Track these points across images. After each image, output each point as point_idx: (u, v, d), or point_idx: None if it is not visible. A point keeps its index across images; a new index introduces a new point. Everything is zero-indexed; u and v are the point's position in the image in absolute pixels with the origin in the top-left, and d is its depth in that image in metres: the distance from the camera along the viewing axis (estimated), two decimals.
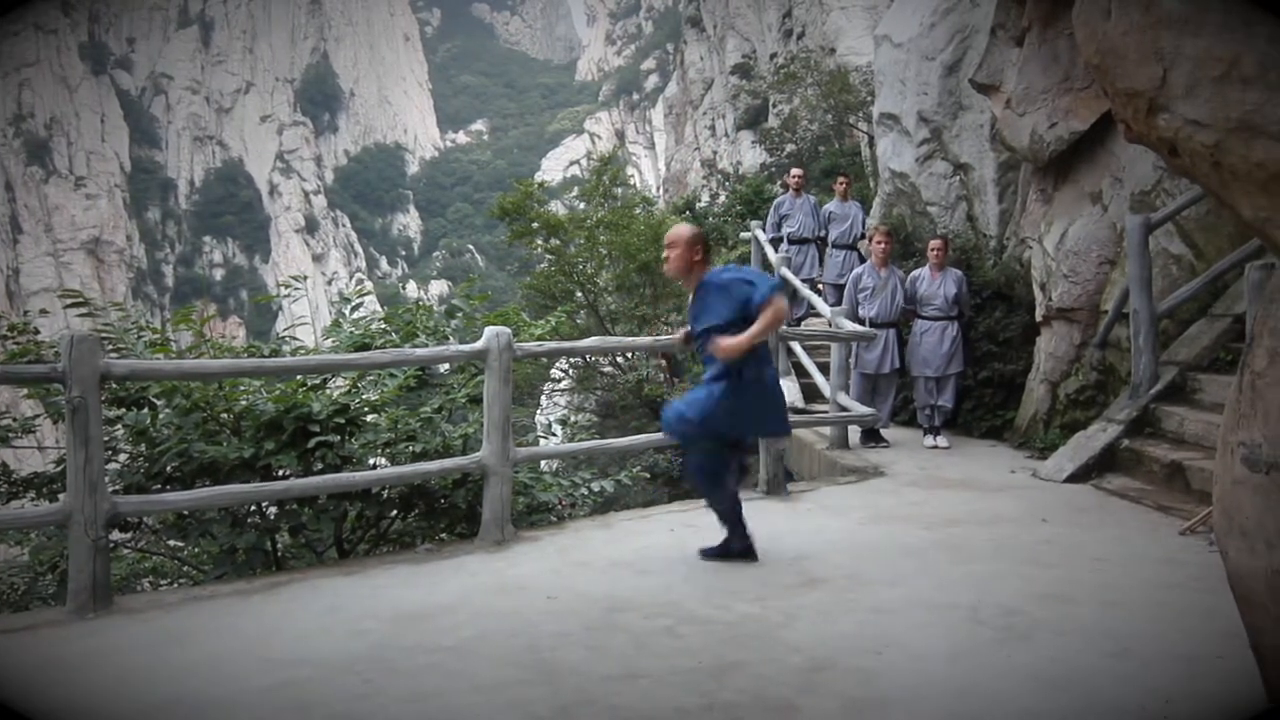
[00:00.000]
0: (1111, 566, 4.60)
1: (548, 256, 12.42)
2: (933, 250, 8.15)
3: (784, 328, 7.13)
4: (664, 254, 4.77)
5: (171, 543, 6.11)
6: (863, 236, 10.66)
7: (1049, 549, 4.93)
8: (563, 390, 13.91)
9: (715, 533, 5.34)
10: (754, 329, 4.29)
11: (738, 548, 4.78)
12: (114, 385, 5.04)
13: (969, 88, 9.39)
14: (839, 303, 8.50)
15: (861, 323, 8.01)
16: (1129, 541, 5.06)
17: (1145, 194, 7.16)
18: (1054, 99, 7.73)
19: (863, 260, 9.65)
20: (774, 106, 26.00)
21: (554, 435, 10.53)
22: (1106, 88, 2.59)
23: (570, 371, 13.24)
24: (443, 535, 5.99)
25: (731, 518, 4.77)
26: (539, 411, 13.44)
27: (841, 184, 11.25)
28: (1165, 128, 2.37)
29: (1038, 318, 7.96)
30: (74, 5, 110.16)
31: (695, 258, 4.60)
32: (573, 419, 11.63)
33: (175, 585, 6.30)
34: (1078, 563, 4.67)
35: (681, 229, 4.79)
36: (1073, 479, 6.47)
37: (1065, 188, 8.04)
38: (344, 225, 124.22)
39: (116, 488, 4.98)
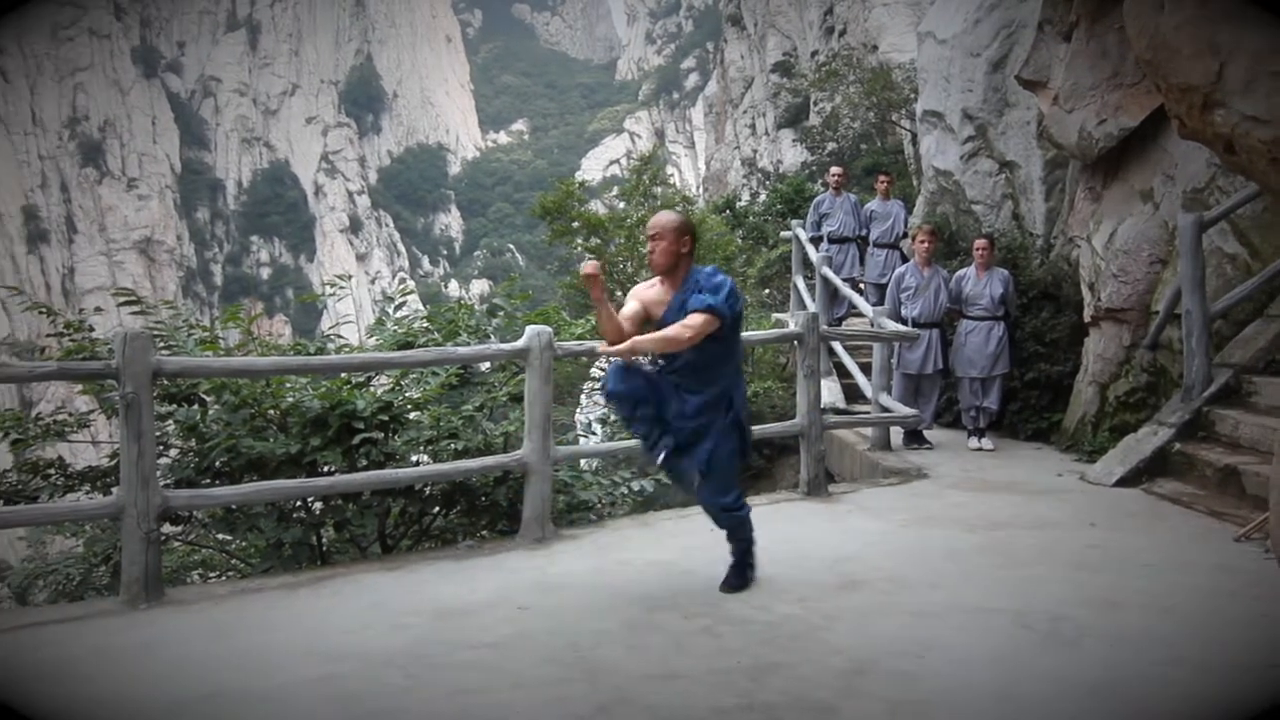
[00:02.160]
0: (1162, 572, 4.50)
1: (588, 255, 12.45)
2: (978, 249, 8.04)
3: (824, 327, 7.09)
4: (647, 246, 4.21)
5: (220, 536, 6.23)
6: (905, 235, 10.54)
7: (1097, 554, 4.83)
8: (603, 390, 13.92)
9: (757, 533, 5.32)
10: (653, 335, 3.95)
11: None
12: (165, 382, 5.14)
13: (1015, 84, 9.24)
14: (881, 303, 8.42)
15: (904, 323, 7.92)
16: (1180, 547, 4.94)
17: (1198, 191, 6.99)
18: (1103, 95, 7.58)
19: (905, 259, 9.54)
20: (815, 104, 25.81)
21: (594, 434, 10.56)
22: (1159, 83, 2.53)
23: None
24: (484, 532, 6.03)
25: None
26: (579, 410, 13.48)
27: (883, 182, 11.13)
28: (1221, 124, 2.31)
29: (1086, 318, 7.81)
30: (126, 10, 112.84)
31: (683, 250, 4.11)
32: (613, 418, 11.64)
33: (224, 578, 6.43)
34: (1127, 568, 4.57)
35: (666, 215, 4.22)
36: (1122, 483, 6.33)
37: (1115, 185, 7.88)
38: (387, 225, 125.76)
39: (168, 482, 5.09)
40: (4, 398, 60.15)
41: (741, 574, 4.40)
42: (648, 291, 4.24)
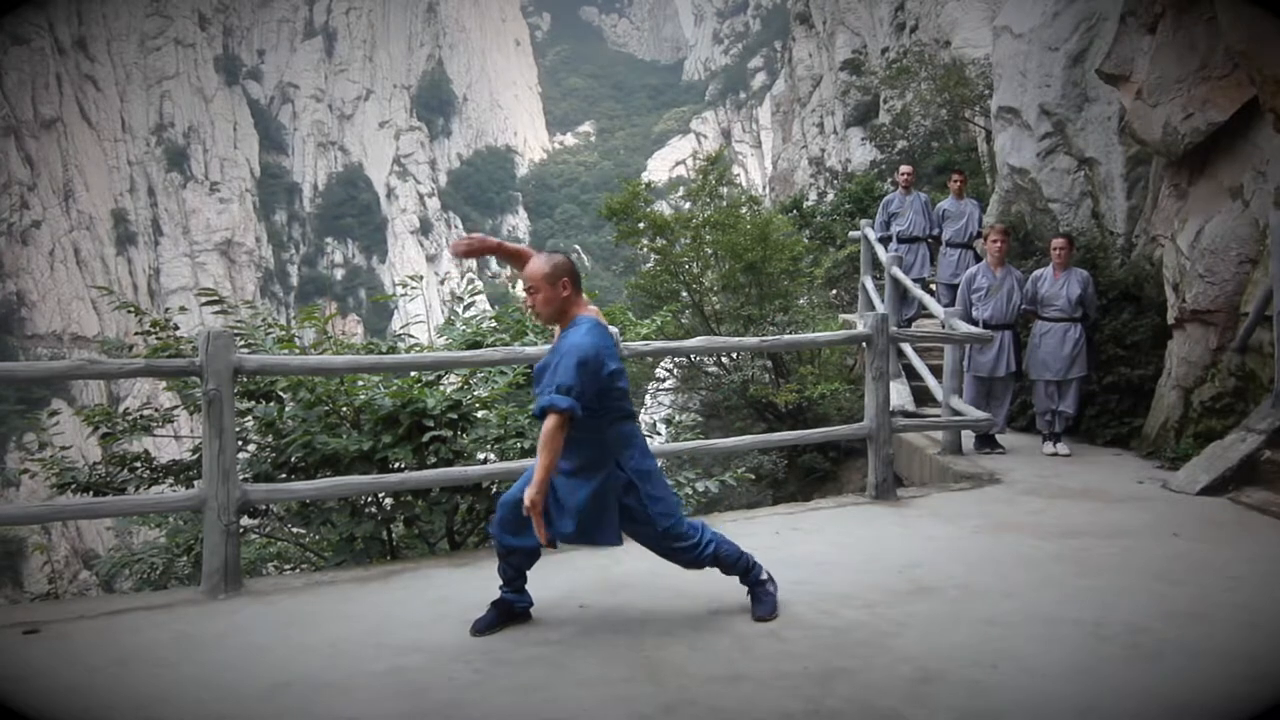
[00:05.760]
0: (1250, 585, 4.31)
1: (653, 256, 12.44)
2: (1055, 249, 7.82)
3: (894, 329, 6.96)
4: (526, 301, 3.82)
5: (295, 530, 6.40)
6: (979, 235, 10.32)
7: (1180, 565, 4.65)
8: (667, 390, 13.93)
9: (820, 536, 5.27)
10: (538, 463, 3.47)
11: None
12: (245, 379, 5.31)
13: (1095, 79, 8.95)
14: (953, 303, 8.25)
15: (975, 324, 7.74)
16: (1269, 559, 4.73)
17: None
18: (1190, 88, 7.29)
19: (979, 259, 9.35)
20: (885, 102, 25.38)
21: (658, 435, 10.57)
22: (1253, 75, 2.43)
23: (675, 371, 13.25)
24: None
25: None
26: (643, 410, 13.51)
27: (956, 181, 10.91)
28: None
29: (1170, 320, 7.53)
30: (210, 20, 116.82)
31: (563, 293, 3.71)
32: (677, 418, 11.62)
33: (298, 570, 6.60)
34: (1212, 580, 4.39)
35: (535, 263, 3.74)
36: (1207, 491, 6.09)
37: (1201, 182, 7.58)
38: (456, 226, 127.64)
39: (246, 476, 5.25)
40: (94, 393, 62.86)
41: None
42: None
